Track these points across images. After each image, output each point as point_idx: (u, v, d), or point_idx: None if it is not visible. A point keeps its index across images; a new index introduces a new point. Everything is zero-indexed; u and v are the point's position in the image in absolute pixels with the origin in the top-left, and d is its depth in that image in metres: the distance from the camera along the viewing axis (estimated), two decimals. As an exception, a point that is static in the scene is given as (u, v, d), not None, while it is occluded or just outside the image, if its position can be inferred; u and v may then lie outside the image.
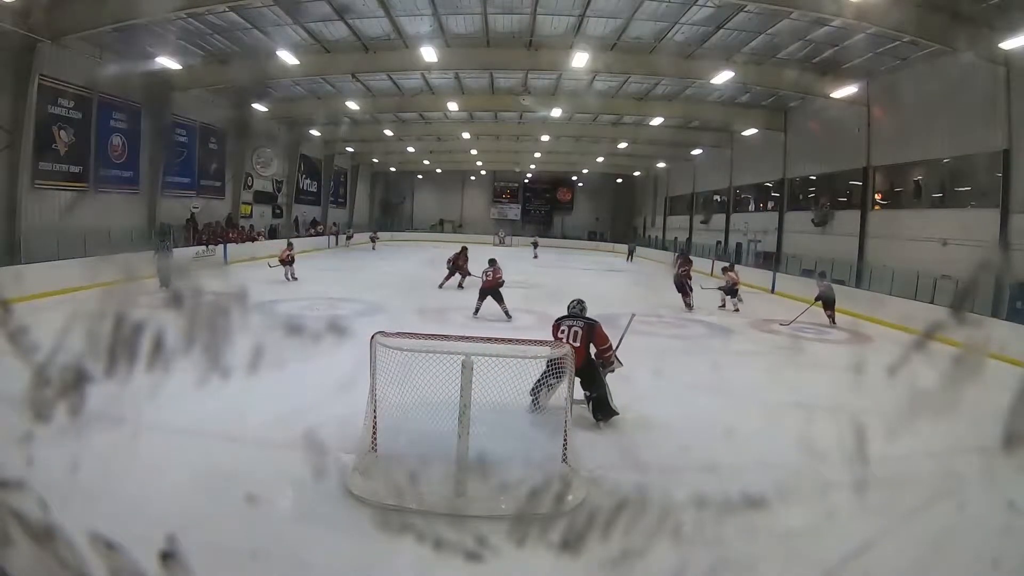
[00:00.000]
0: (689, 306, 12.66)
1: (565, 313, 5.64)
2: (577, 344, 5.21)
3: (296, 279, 14.28)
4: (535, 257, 27.26)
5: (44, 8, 11.30)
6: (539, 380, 4.76)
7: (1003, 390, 1.38)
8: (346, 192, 35.13)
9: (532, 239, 32.72)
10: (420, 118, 24.47)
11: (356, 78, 18.06)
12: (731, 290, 13.01)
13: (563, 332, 5.37)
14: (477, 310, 10.51)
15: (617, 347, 5.70)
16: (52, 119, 13.28)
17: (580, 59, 14.01)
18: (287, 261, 14.67)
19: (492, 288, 10.52)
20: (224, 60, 15.82)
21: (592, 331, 5.35)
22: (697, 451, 4.65)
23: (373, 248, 29.16)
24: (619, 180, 39.60)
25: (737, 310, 12.81)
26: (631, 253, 29.77)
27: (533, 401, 4.85)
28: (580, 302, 5.77)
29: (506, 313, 10.32)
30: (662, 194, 33.89)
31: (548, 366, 4.63)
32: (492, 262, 10.83)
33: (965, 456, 4.20)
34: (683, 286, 12.90)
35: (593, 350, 5.34)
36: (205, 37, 14.59)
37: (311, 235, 27.53)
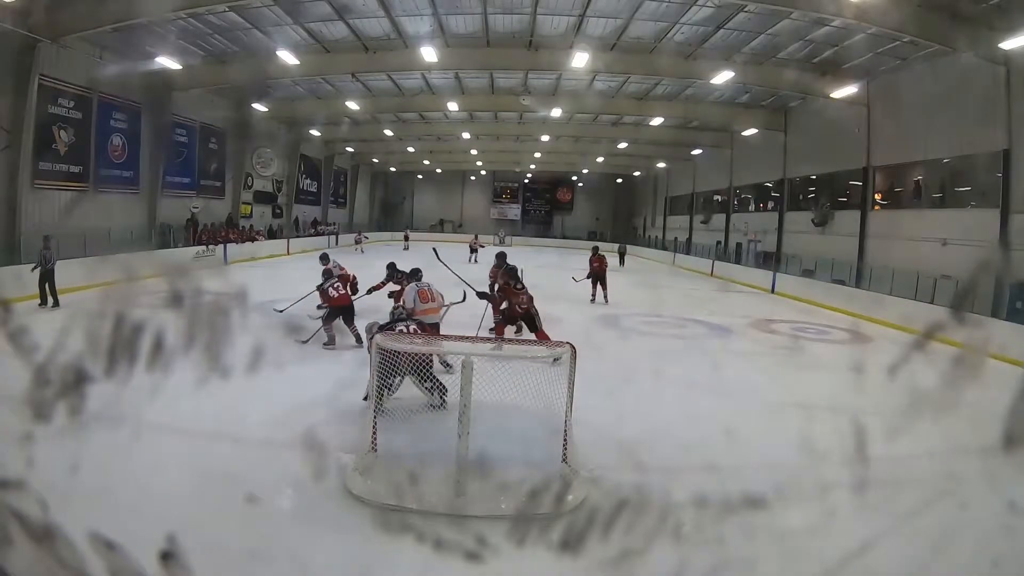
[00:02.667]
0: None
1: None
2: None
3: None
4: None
5: (44, 8, 11.30)
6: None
7: (1003, 390, 1.38)
8: (346, 192, 35.13)
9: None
10: (420, 118, 24.47)
11: (356, 78, 18.06)
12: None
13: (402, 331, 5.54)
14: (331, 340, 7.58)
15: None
16: (52, 119, 13.28)
17: (580, 59, 14.00)
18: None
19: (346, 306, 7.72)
20: (224, 60, 15.82)
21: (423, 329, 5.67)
22: (697, 451, 4.65)
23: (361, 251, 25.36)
24: (619, 180, 39.59)
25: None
26: (622, 257, 25.37)
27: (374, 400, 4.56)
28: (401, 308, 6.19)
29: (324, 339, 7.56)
30: (662, 194, 33.88)
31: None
32: (327, 264, 8.29)
33: (965, 456, 4.20)
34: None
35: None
36: (205, 37, 14.59)
37: (311, 235, 27.55)
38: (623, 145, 27.03)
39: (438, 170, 39.24)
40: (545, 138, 26.64)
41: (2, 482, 0.92)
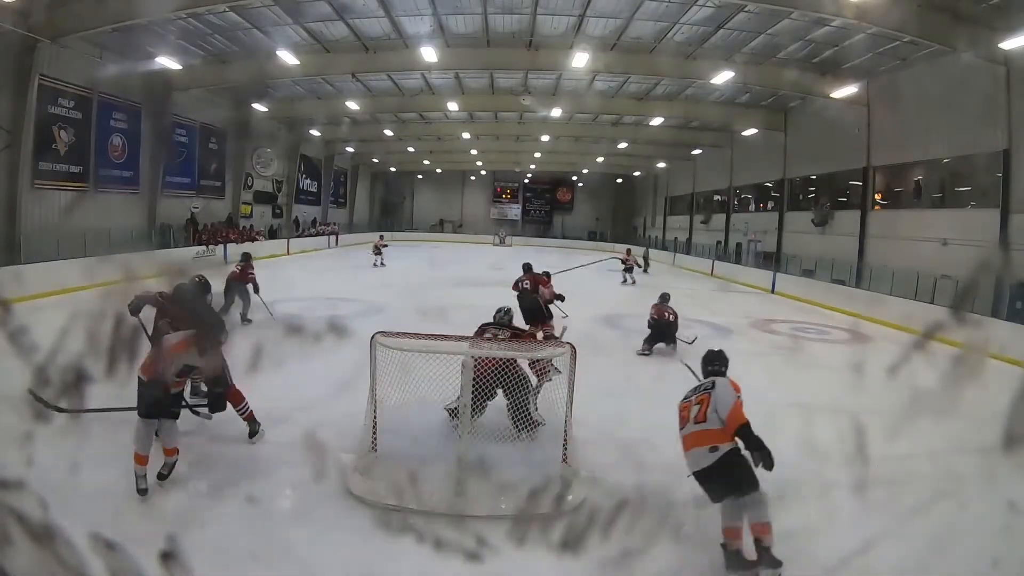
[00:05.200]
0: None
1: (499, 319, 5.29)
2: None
3: None
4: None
5: (44, 8, 11.30)
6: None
7: (1003, 390, 1.38)
8: (346, 192, 35.14)
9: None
10: (420, 118, 24.47)
11: (356, 78, 18.05)
12: None
13: (489, 339, 4.93)
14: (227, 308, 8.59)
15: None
16: (52, 119, 13.26)
17: (580, 59, 14.00)
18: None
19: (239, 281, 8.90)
20: (224, 60, 15.82)
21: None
22: (697, 451, 4.64)
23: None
24: (619, 180, 39.61)
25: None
26: (646, 262, 21.37)
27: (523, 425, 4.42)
28: (508, 311, 5.48)
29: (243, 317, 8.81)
30: (662, 194, 33.89)
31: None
32: (245, 256, 9.36)
33: (965, 456, 4.21)
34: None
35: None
36: (205, 37, 14.58)
37: (312, 235, 27.55)
38: (623, 145, 27.03)
39: (438, 170, 39.25)
40: (545, 138, 26.64)
41: (2, 482, 0.92)
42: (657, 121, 21.23)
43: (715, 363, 3.64)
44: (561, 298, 8.47)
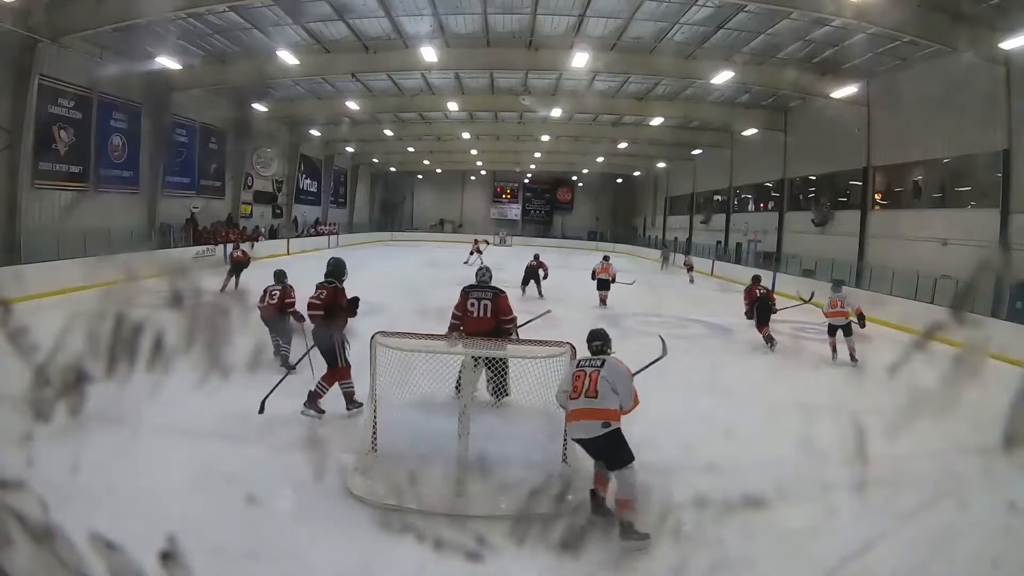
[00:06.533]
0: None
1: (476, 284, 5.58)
2: (488, 316, 5.23)
3: None
4: None
5: (44, 8, 11.30)
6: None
7: (1003, 390, 1.38)
8: (346, 192, 35.13)
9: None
10: (420, 118, 24.47)
11: (356, 78, 18.06)
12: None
13: (473, 305, 5.29)
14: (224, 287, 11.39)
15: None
16: (52, 119, 13.26)
17: (580, 59, 14.00)
18: None
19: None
20: (224, 60, 15.82)
21: (498, 301, 5.30)
22: (698, 451, 4.64)
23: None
24: (619, 180, 39.59)
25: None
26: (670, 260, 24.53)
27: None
28: (488, 270, 5.71)
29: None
30: (662, 194, 33.88)
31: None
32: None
33: (965, 456, 4.20)
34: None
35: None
36: (205, 37, 14.59)
37: (312, 235, 27.56)
38: (623, 145, 27.03)
39: (438, 170, 39.22)
40: (545, 138, 26.64)
41: (2, 482, 0.92)
42: (657, 121, 21.23)
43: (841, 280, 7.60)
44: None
